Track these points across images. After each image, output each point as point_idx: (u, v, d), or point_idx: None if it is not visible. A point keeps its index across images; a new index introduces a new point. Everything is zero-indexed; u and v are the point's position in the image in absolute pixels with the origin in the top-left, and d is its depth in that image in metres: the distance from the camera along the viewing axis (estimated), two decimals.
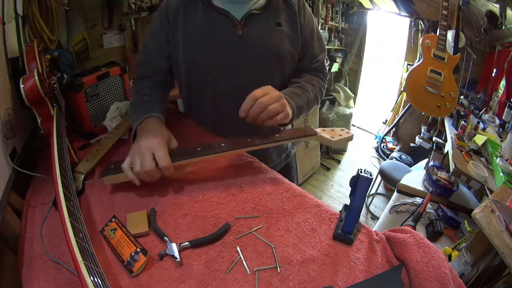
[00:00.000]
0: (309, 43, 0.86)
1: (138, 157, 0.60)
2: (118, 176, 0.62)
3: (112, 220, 0.54)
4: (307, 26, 0.84)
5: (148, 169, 0.59)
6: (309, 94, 0.83)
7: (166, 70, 0.86)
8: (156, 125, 0.70)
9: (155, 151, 0.61)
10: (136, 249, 0.49)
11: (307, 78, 0.87)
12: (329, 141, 0.69)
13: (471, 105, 2.24)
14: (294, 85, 0.84)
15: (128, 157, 0.62)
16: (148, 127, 0.69)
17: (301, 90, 0.82)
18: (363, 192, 0.56)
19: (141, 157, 0.60)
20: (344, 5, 3.09)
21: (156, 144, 0.62)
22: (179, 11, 0.78)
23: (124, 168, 0.61)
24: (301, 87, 0.83)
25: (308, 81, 0.86)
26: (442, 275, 0.47)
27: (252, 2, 0.78)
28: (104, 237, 0.53)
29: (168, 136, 0.68)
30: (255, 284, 0.47)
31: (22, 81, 0.59)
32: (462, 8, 2.14)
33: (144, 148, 0.61)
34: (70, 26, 1.40)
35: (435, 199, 1.56)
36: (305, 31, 0.84)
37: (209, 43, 0.78)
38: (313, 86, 0.86)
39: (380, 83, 3.79)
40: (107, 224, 0.54)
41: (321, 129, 0.72)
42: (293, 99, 0.76)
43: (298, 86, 0.83)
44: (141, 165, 0.59)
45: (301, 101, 0.80)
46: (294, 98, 0.77)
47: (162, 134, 0.66)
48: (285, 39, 0.81)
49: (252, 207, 0.61)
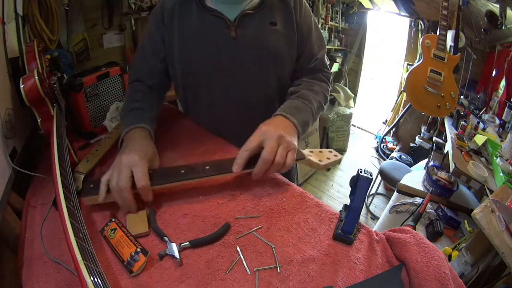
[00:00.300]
0: (306, 40, 0.82)
1: (116, 172, 0.57)
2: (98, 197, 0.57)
3: (112, 220, 0.54)
4: (303, 23, 0.81)
5: (123, 186, 0.55)
6: (312, 104, 0.78)
7: (162, 71, 0.84)
8: (142, 139, 0.66)
9: (134, 169, 0.57)
10: (136, 249, 0.49)
11: (307, 84, 0.82)
12: (318, 165, 0.68)
13: (471, 105, 2.24)
14: (294, 96, 0.79)
15: (110, 170, 0.59)
16: (133, 138, 0.66)
17: (302, 101, 0.77)
18: (363, 192, 0.56)
19: (119, 172, 0.56)
20: (344, 5, 3.10)
21: (137, 161, 0.58)
22: (174, 11, 0.77)
23: (101, 182, 0.57)
24: (302, 98, 0.78)
25: (309, 88, 0.81)
26: (442, 275, 0.47)
27: (245, 2, 0.76)
28: (104, 237, 0.53)
29: (151, 153, 0.64)
30: (255, 284, 0.47)
31: (22, 81, 0.58)
32: (462, 8, 2.14)
33: (124, 164, 0.57)
34: (70, 26, 1.40)
35: (435, 199, 1.56)
36: (302, 29, 0.81)
37: (203, 45, 0.77)
38: (315, 93, 0.81)
39: (380, 83, 3.79)
40: (107, 224, 0.54)
41: (309, 151, 0.71)
42: (295, 117, 0.71)
43: (298, 97, 0.78)
44: (116, 181, 0.55)
45: (305, 115, 0.75)
46: (297, 115, 0.72)
47: (145, 151, 0.63)
48: (280, 38, 0.78)
49: (252, 207, 0.61)
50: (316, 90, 0.82)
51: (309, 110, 0.77)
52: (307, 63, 0.85)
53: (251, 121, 0.79)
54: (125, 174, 0.56)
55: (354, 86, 3.47)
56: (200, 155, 0.77)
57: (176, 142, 0.82)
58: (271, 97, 0.84)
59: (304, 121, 0.74)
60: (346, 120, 3.07)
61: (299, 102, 0.77)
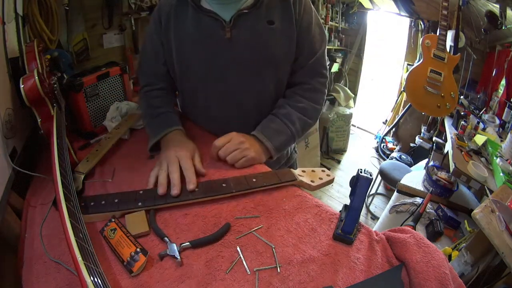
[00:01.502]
0: (306, 36, 0.79)
1: (165, 164, 0.65)
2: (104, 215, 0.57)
3: (112, 220, 0.54)
4: (303, 20, 0.77)
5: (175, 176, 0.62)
6: (294, 125, 0.79)
7: (167, 73, 0.85)
8: (181, 137, 0.76)
9: (181, 160, 0.66)
10: (136, 249, 0.48)
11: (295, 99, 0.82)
12: (309, 186, 0.68)
13: (471, 105, 2.24)
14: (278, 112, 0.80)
15: (156, 166, 0.67)
16: (172, 139, 0.74)
17: (283, 122, 0.79)
18: (363, 192, 0.56)
19: (168, 163, 0.65)
20: (344, 5, 3.10)
21: (183, 154, 0.68)
22: (171, 15, 0.76)
23: (150, 175, 0.65)
24: (284, 117, 0.79)
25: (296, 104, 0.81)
26: (442, 275, 0.47)
27: (241, 1, 0.73)
28: (104, 237, 0.53)
29: (192, 148, 0.73)
30: (255, 284, 0.47)
31: (22, 81, 0.58)
32: (462, 8, 2.14)
33: (172, 156, 0.67)
34: (70, 26, 1.39)
35: (435, 199, 1.56)
36: (301, 25, 0.77)
37: (198, 48, 0.76)
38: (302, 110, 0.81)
39: (380, 83, 3.79)
40: (107, 224, 0.54)
41: (301, 170, 0.71)
42: (271, 140, 0.76)
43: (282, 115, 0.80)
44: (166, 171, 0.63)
45: (282, 137, 0.78)
46: (273, 137, 0.77)
47: (187, 147, 0.72)
48: (278, 38, 0.76)
49: (252, 207, 0.61)
50: (304, 108, 0.82)
51: (289, 132, 0.79)
52: (306, 60, 0.82)
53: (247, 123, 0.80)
54: (175, 165, 0.65)
55: (354, 86, 3.47)
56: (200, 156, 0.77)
57: None
58: (267, 98, 0.83)
59: (280, 144, 0.78)
60: (346, 120, 3.07)
61: (279, 123, 0.79)
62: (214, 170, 0.72)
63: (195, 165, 0.68)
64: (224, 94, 0.80)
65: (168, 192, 0.61)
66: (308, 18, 0.79)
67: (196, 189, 0.62)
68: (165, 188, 0.61)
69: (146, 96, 0.85)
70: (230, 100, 0.81)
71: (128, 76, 0.98)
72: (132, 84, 1.06)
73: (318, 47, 0.82)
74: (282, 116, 0.80)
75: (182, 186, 0.62)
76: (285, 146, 0.81)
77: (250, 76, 0.78)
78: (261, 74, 0.78)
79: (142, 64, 0.88)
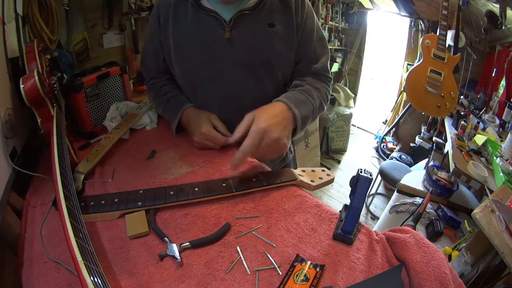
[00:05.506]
0: (308, 43, 0.79)
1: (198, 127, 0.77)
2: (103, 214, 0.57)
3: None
4: (305, 26, 0.78)
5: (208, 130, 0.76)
6: (315, 101, 0.77)
7: (168, 69, 0.86)
8: (198, 110, 0.82)
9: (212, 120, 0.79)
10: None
11: (311, 81, 0.81)
12: (309, 185, 0.68)
13: (471, 105, 2.24)
14: (298, 89, 0.78)
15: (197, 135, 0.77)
16: (191, 113, 0.81)
17: (306, 96, 0.76)
18: (363, 192, 0.56)
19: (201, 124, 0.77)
20: (344, 5, 3.10)
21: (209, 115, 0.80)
22: (169, 14, 0.76)
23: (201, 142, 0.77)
24: (306, 92, 0.76)
25: (313, 85, 0.80)
26: (442, 275, 0.47)
27: (243, 2, 0.73)
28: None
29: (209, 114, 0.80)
30: (255, 284, 0.47)
31: (22, 81, 0.58)
32: (462, 8, 2.14)
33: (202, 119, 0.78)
34: (70, 26, 1.39)
35: (435, 199, 1.56)
36: (303, 30, 0.78)
37: (197, 48, 0.76)
38: (318, 91, 0.80)
39: (380, 83, 3.79)
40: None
41: (301, 170, 0.70)
42: (298, 108, 0.71)
43: (302, 90, 0.77)
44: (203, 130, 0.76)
45: (306, 109, 0.74)
46: (300, 106, 0.72)
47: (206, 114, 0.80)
48: (277, 41, 0.75)
49: (252, 207, 0.61)
50: (319, 88, 0.81)
51: (311, 106, 0.76)
52: (309, 66, 0.82)
53: None
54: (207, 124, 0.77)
55: (354, 86, 3.48)
56: (200, 156, 0.77)
57: (177, 143, 0.82)
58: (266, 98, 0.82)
59: (305, 117, 0.73)
60: (346, 120, 3.07)
61: (302, 95, 0.76)
62: (214, 170, 0.72)
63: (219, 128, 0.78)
64: (223, 93, 0.80)
65: (168, 192, 0.61)
66: (310, 24, 0.79)
67: (196, 189, 0.62)
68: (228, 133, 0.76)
69: (153, 87, 0.90)
70: (229, 99, 0.81)
71: (128, 76, 0.98)
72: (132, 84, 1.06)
73: (321, 55, 0.83)
74: (303, 90, 0.77)
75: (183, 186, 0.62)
76: (307, 121, 0.76)
77: (248, 76, 0.78)
78: (259, 75, 0.78)
79: (145, 60, 0.90)
